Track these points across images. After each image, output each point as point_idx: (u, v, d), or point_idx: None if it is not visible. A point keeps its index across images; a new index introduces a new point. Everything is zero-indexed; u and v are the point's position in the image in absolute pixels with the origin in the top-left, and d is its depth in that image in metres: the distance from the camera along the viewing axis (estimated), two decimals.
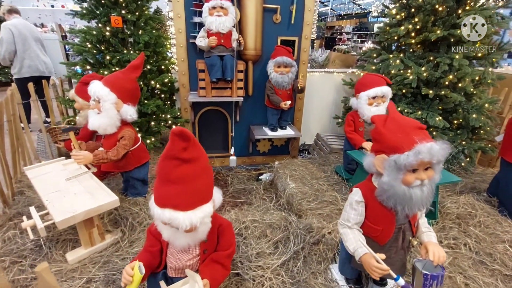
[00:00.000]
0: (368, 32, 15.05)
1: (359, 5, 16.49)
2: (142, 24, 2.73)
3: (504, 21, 2.42)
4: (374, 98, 2.18)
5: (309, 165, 2.87)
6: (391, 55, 2.75)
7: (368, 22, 17.03)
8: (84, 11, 2.61)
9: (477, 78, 2.56)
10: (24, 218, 1.43)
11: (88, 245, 1.57)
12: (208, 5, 2.40)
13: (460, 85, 2.54)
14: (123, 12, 2.61)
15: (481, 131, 2.74)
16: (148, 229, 1.29)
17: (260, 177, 3.12)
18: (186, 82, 2.90)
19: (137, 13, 2.70)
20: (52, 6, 10.43)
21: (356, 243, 1.14)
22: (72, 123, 2.31)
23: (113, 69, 2.58)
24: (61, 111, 3.03)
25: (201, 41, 2.51)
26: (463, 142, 2.65)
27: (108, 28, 2.57)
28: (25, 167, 1.84)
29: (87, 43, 2.57)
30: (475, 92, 2.60)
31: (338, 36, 13.78)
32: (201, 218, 1.02)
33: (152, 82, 2.79)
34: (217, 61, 2.53)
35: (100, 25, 2.61)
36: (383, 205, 1.15)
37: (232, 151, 2.95)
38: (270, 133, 2.97)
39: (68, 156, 2.14)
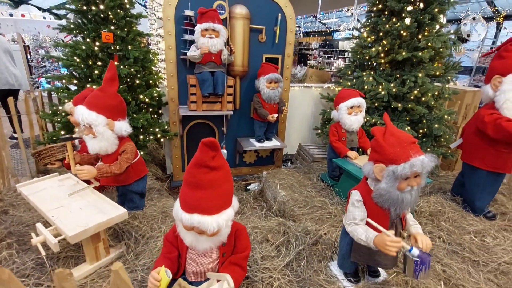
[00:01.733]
0: (333, 49, 16.18)
1: (324, 24, 17.68)
2: (130, 40, 2.77)
3: (456, 45, 2.86)
4: (352, 107, 2.45)
5: (295, 173, 3.04)
6: (364, 73, 3.07)
7: (333, 39, 18.29)
8: (72, 26, 2.60)
9: (436, 93, 2.97)
10: (33, 234, 1.39)
11: (94, 260, 1.56)
12: (201, 27, 2.52)
13: (423, 99, 2.91)
14: (112, 28, 2.64)
15: (441, 139, 3.13)
16: (164, 237, 1.34)
17: (248, 187, 3.23)
18: (175, 96, 2.97)
19: (125, 29, 2.75)
20: (11, 15, 9.84)
21: (366, 232, 1.30)
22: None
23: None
24: (40, 126, 2.90)
25: (194, 51, 2.60)
26: (428, 149, 3.01)
27: (97, 43, 2.58)
28: (17, 184, 1.78)
29: (75, 57, 2.55)
30: (435, 105, 2.99)
31: (306, 52, 14.57)
32: (225, 221, 1.13)
33: (141, 97, 2.82)
34: (208, 76, 2.65)
35: (88, 40, 2.60)
36: (378, 205, 1.33)
37: (223, 143, 3.04)
38: (258, 145, 3.12)
39: (46, 173, 2.09)
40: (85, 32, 2.65)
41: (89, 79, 2.69)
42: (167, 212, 2.12)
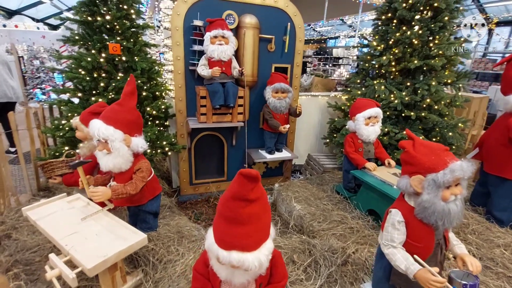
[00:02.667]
0: (328, 56, 16.37)
1: (318, 32, 17.89)
2: (137, 50, 2.68)
3: (467, 53, 2.85)
4: (369, 118, 2.39)
5: (308, 185, 2.95)
6: (375, 81, 3.03)
7: (326, 46, 18.53)
8: (77, 37, 2.50)
9: (448, 101, 2.94)
10: (47, 268, 1.26)
11: None
12: (210, 34, 2.46)
13: (436, 107, 2.88)
14: (118, 38, 2.56)
15: (453, 147, 3.10)
16: (194, 269, 1.23)
17: None
18: (183, 108, 2.88)
19: (131, 40, 2.66)
20: (4, 25, 9.67)
21: (406, 261, 1.21)
22: (71, 154, 2.12)
23: (109, 96, 2.47)
24: (41, 141, 2.77)
25: (203, 69, 2.54)
26: None
27: (103, 55, 2.48)
28: (23, 207, 1.64)
29: (80, 70, 2.44)
30: (448, 113, 2.96)
31: (306, 60, 14.69)
32: (266, 256, 1.02)
33: (148, 109, 2.71)
34: (219, 88, 2.57)
35: (93, 51, 2.50)
36: (423, 222, 1.25)
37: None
38: (269, 156, 3.03)
39: (47, 191, 1.97)
40: (89, 43, 2.55)
41: (94, 92, 2.58)
42: (182, 232, 2.00)
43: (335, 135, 3.65)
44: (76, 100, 2.73)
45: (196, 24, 2.58)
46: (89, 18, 2.49)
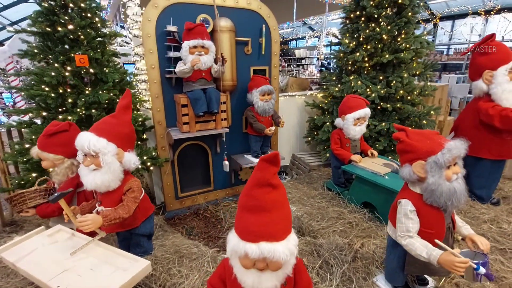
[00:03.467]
0: (291, 57, 16.84)
1: (281, 34, 18.32)
2: (105, 61, 2.48)
3: (430, 45, 3.05)
4: (358, 119, 2.44)
5: (298, 185, 2.95)
6: (351, 77, 3.12)
7: (289, 48, 19.03)
8: (35, 50, 2.24)
9: (418, 91, 3.12)
10: None
11: None
12: (189, 44, 2.34)
13: (409, 98, 3.04)
14: (83, 49, 2.34)
15: None
16: (209, 283, 1.16)
17: None
18: (162, 119, 2.72)
19: (98, 50, 2.45)
20: None
21: (426, 248, 1.23)
22: (42, 182, 1.87)
23: (81, 113, 2.25)
24: (1, 169, 2.43)
25: (181, 66, 2.39)
26: None
27: (69, 68, 2.25)
28: None
29: (43, 86, 2.19)
30: (419, 102, 3.14)
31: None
32: (295, 247, 0.99)
33: None
34: (201, 94, 2.46)
35: (56, 64, 2.26)
36: (433, 207, 1.28)
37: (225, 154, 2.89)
38: (256, 160, 2.97)
39: (14, 226, 1.74)
40: (50, 57, 2.31)
41: (60, 109, 2.33)
42: (180, 251, 1.86)
43: (315, 132, 3.70)
44: (38, 121, 2.45)
45: (170, 29, 2.45)
46: (48, 29, 2.25)
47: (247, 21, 2.83)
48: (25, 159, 2.28)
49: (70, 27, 2.25)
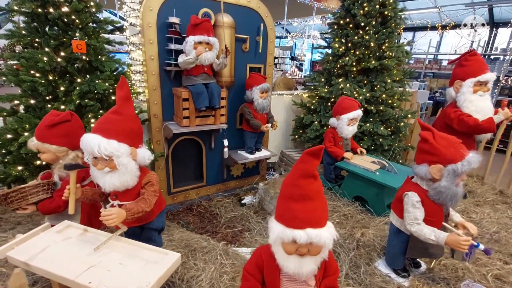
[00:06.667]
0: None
1: None
2: (100, 49, 2.35)
3: (409, 54, 3.37)
4: (352, 119, 2.63)
5: None
6: (340, 80, 3.32)
7: None
8: (23, 32, 2.05)
9: (397, 95, 3.43)
10: None
11: None
12: (194, 39, 2.31)
13: (389, 101, 3.33)
14: (77, 35, 2.19)
15: (401, 135, 3.64)
16: (245, 269, 1.23)
17: (243, 201, 3.10)
18: (159, 112, 2.65)
19: (93, 37, 2.31)
20: None
21: (434, 232, 1.41)
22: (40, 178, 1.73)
23: (77, 102, 2.11)
24: None
25: (183, 57, 2.35)
26: (396, 145, 3.45)
27: (62, 54, 2.10)
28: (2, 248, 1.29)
29: (34, 72, 2.01)
30: (397, 106, 3.45)
31: None
32: (334, 233, 1.10)
33: None
34: (203, 89, 2.45)
35: (47, 49, 2.09)
36: (434, 201, 1.47)
37: (226, 142, 2.92)
38: (251, 156, 3.03)
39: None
40: (37, 40, 2.12)
41: (50, 97, 2.17)
42: (191, 245, 1.87)
43: (301, 131, 3.87)
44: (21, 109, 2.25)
45: (172, 21, 2.40)
46: (39, 10, 2.07)
47: (246, 19, 2.86)
48: (3, 151, 2.09)
49: (65, 9, 2.10)
